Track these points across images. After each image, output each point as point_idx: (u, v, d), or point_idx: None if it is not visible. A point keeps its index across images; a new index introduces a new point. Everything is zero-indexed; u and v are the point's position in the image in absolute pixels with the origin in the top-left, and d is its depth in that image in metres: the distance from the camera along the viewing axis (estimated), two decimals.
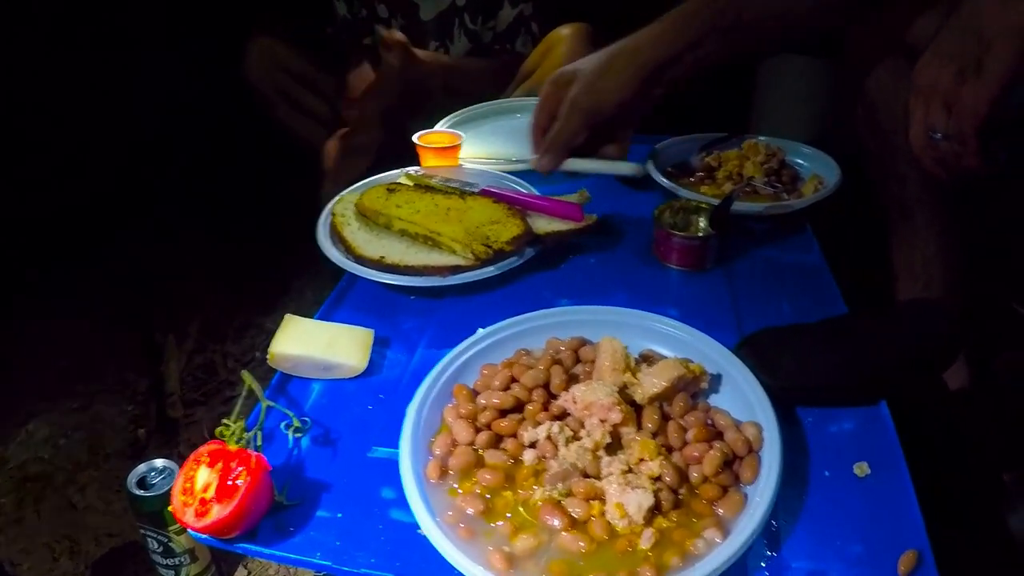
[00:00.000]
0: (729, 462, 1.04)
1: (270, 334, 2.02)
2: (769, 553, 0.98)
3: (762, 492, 0.98)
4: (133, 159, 2.44)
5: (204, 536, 1.02)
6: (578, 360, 1.20)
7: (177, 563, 1.42)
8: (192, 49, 2.48)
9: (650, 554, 0.94)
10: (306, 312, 1.35)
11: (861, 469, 1.08)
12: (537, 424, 1.07)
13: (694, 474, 1.02)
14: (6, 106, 2.18)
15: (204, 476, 1.03)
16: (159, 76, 2.46)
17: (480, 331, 1.25)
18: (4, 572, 1.69)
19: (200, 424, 2.08)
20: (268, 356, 1.27)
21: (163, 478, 1.33)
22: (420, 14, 2.36)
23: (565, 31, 2.22)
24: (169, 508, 1.18)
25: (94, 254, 2.36)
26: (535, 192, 1.67)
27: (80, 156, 2.37)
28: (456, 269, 1.44)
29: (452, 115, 2.12)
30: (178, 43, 2.49)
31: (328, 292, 1.52)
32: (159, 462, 1.36)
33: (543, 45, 2.25)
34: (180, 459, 1.28)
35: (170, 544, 1.39)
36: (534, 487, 1.02)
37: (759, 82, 2.74)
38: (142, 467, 1.35)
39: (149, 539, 1.40)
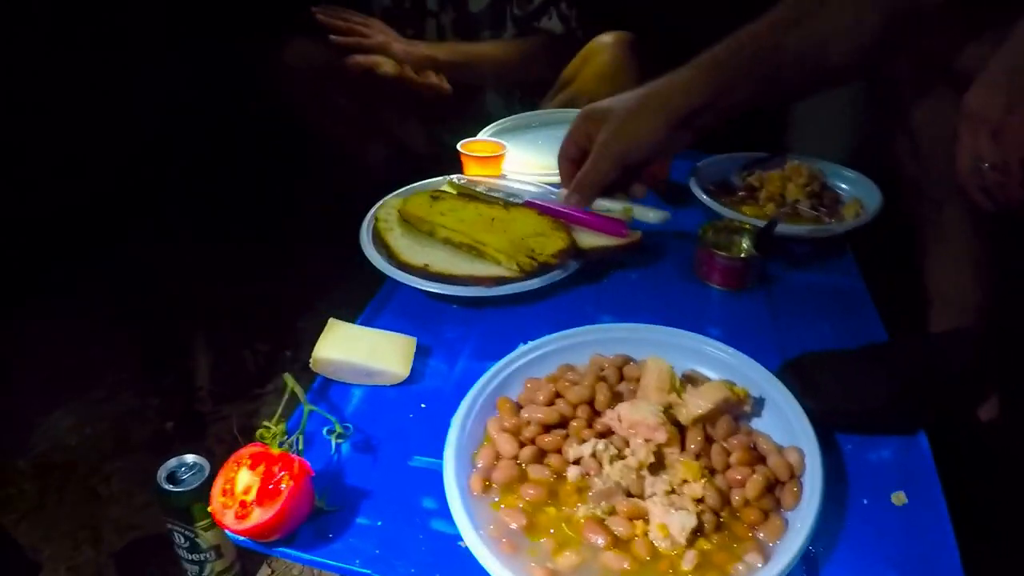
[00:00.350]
0: (771, 487, 1.04)
1: (300, 333, 2.04)
2: None
3: (803, 518, 0.98)
4: (168, 151, 2.45)
5: (243, 539, 1.02)
6: (622, 378, 1.20)
7: (203, 559, 1.43)
8: (208, 45, 2.49)
9: None
10: (346, 316, 1.36)
11: (899, 499, 1.08)
12: (582, 441, 1.07)
13: (736, 497, 1.02)
14: (7, 105, 2.19)
15: (245, 478, 1.03)
16: (176, 72, 2.47)
17: (522, 346, 1.25)
18: (26, 558, 1.70)
19: (228, 420, 2.08)
20: (311, 361, 1.27)
21: (193, 473, 1.34)
22: (469, 5, 2.36)
23: (606, 39, 2.22)
24: (198, 505, 1.19)
25: (125, 247, 2.37)
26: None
27: (112, 151, 2.38)
28: (500, 280, 1.44)
29: (495, 123, 2.12)
30: (191, 40, 2.50)
31: (363, 295, 1.52)
32: (189, 457, 1.37)
33: (584, 52, 2.25)
34: (207, 454, 1.29)
35: (197, 540, 1.40)
36: (577, 504, 1.02)
37: (801, 102, 2.74)
38: (172, 462, 1.36)
39: (176, 534, 1.40)
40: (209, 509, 1.04)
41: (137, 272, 2.30)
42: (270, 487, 1.01)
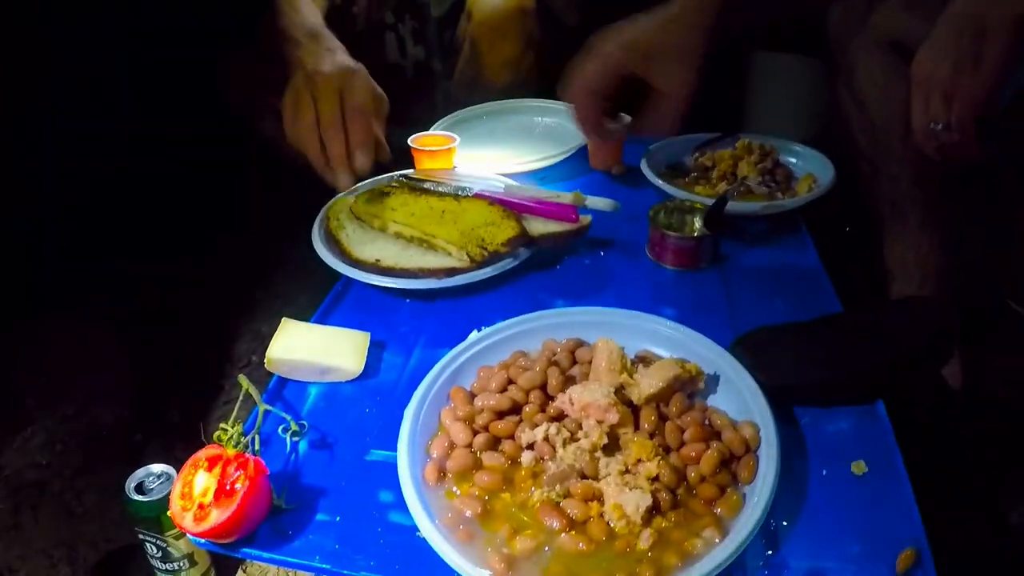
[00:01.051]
0: (727, 462, 1.04)
1: (265, 338, 2.03)
2: (768, 552, 0.98)
3: (760, 491, 0.99)
4: (117, 160, 2.43)
5: (203, 540, 1.02)
6: (575, 361, 1.20)
7: (176, 568, 1.42)
8: (170, 49, 2.49)
9: (649, 554, 0.94)
10: (301, 315, 1.35)
11: (859, 467, 1.09)
12: (535, 426, 1.07)
13: (692, 474, 1.03)
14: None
15: (202, 481, 1.03)
16: (140, 74, 2.46)
17: (475, 333, 1.25)
18: None
19: (197, 428, 2.07)
20: (265, 361, 1.27)
21: (161, 483, 1.33)
22: (432, 10, 2.36)
23: None
24: (167, 513, 1.19)
25: (85, 258, 2.35)
26: (529, 191, 1.67)
27: (64, 160, 2.36)
28: (451, 271, 1.44)
29: (448, 116, 2.12)
30: (161, 42, 2.49)
31: (322, 295, 1.52)
32: (156, 467, 1.36)
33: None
34: (178, 464, 1.28)
35: (168, 549, 1.39)
36: (532, 489, 1.02)
37: (750, 81, 2.75)
38: (140, 472, 1.35)
39: (148, 544, 1.40)
40: (168, 513, 1.04)
41: (98, 286, 2.29)
42: (227, 488, 1.01)
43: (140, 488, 1.33)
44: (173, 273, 2.34)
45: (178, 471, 1.09)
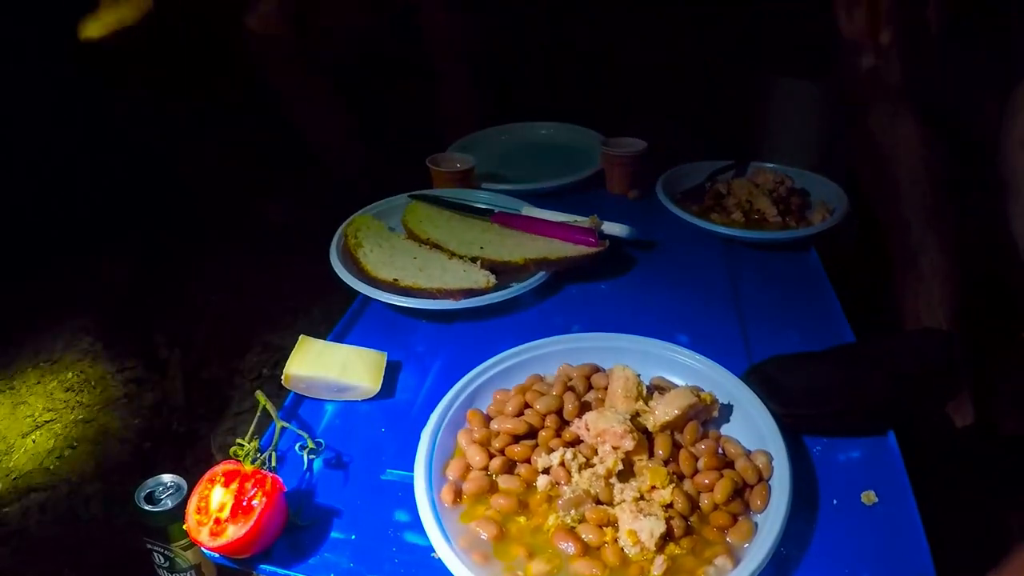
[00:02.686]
0: (739, 490, 1.05)
1: (276, 351, 2.04)
2: None
3: (772, 520, 1.00)
4: (137, 169, 2.45)
5: (218, 555, 1.03)
6: (590, 387, 1.21)
7: None
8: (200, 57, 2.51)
9: None
10: (313, 329, 1.36)
11: (869, 498, 1.10)
12: (550, 450, 1.08)
13: (705, 502, 1.04)
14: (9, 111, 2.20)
15: (219, 496, 1.04)
16: (160, 84, 2.48)
17: (493, 358, 1.26)
18: None
19: (206, 439, 2.08)
20: (283, 377, 1.28)
21: (171, 493, 1.34)
22: None
23: None
24: (176, 524, 1.20)
25: (100, 266, 2.37)
26: (547, 214, 1.69)
27: (81, 166, 2.38)
28: (469, 292, 1.46)
29: (463, 138, 2.14)
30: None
31: (335, 310, 1.53)
32: (167, 477, 1.37)
33: None
34: (186, 474, 1.29)
35: (175, 559, 1.40)
36: (548, 513, 1.03)
37: (765, 107, 2.76)
38: (150, 482, 1.36)
39: (155, 554, 1.41)
40: (184, 527, 1.05)
41: (113, 292, 2.30)
42: (244, 504, 1.02)
43: (150, 498, 1.34)
44: (186, 283, 2.35)
45: (187, 481, 1.10)
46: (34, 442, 2.02)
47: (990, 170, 1.41)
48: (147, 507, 1.33)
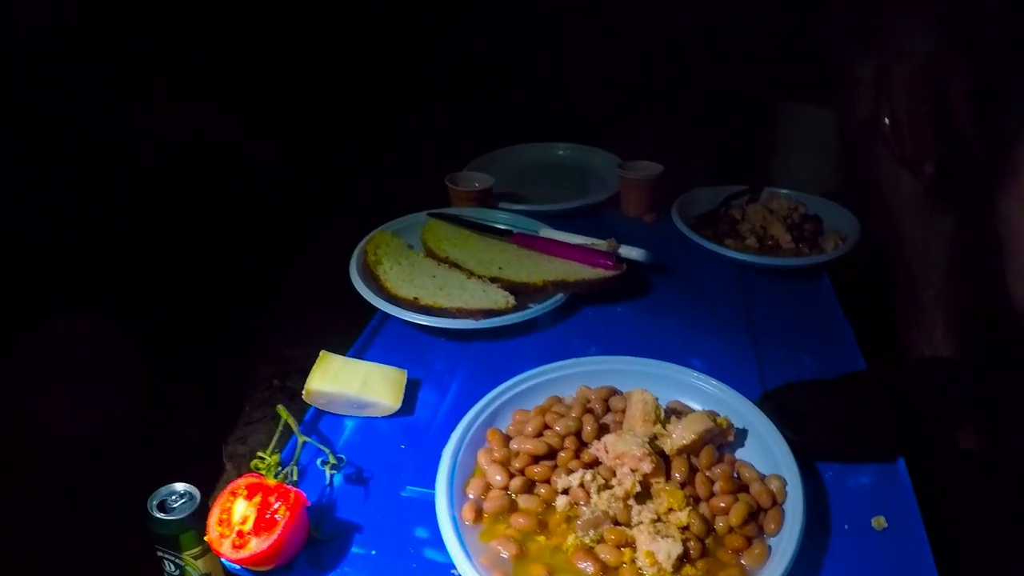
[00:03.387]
0: (754, 513, 1.07)
1: (288, 362, 2.05)
2: None
3: (785, 543, 1.02)
4: (158, 180, 2.47)
5: (240, 567, 1.04)
6: (608, 409, 1.23)
7: None
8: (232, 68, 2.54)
9: None
10: (326, 342, 1.38)
11: (879, 523, 1.11)
12: (570, 471, 1.10)
13: (720, 524, 1.06)
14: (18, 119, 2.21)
15: (242, 508, 1.06)
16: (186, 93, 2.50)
17: (512, 379, 1.28)
18: None
19: (217, 447, 2.09)
20: (304, 392, 1.29)
21: (183, 502, 1.35)
22: None
23: None
24: (188, 533, 1.21)
25: (117, 271, 2.38)
26: (566, 237, 1.71)
27: (101, 176, 2.39)
28: (489, 313, 1.48)
29: (481, 157, 2.16)
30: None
31: (348, 323, 1.55)
32: (180, 486, 1.38)
33: None
34: (196, 482, 1.31)
35: (186, 568, 1.41)
36: (567, 533, 1.05)
37: (777, 133, 2.76)
38: (163, 490, 1.37)
39: (166, 562, 1.42)
40: (206, 539, 1.06)
41: (126, 299, 2.31)
42: (267, 517, 1.03)
43: (163, 506, 1.35)
44: (199, 291, 2.36)
45: (200, 490, 1.11)
46: (45, 448, 2.02)
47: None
48: (159, 515, 1.34)
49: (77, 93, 2.22)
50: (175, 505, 1.34)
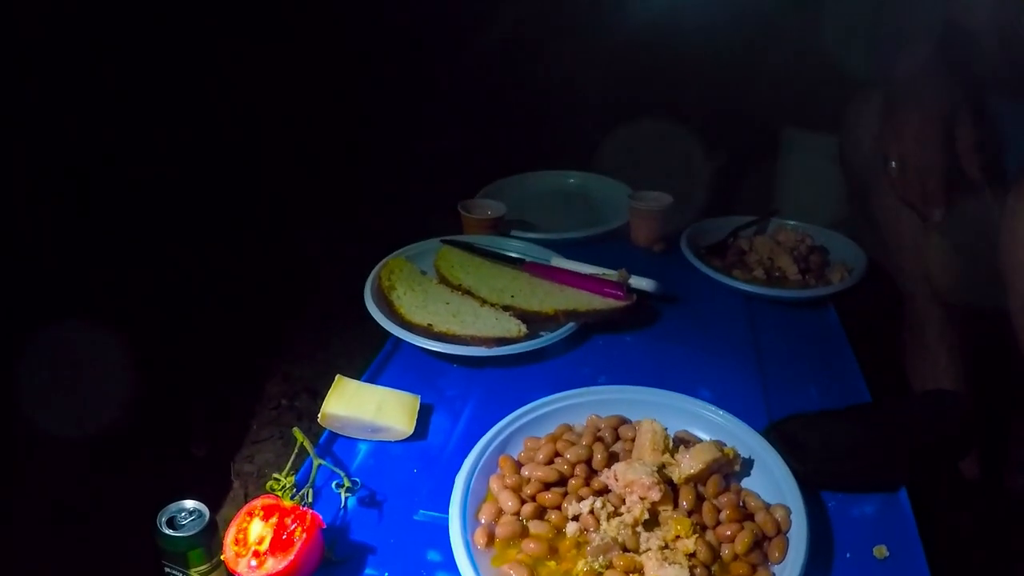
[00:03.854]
0: (759, 541, 1.09)
1: (296, 381, 2.07)
2: None
3: (789, 571, 1.04)
4: (171, 198, 2.49)
5: None
6: (618, 438, 1.25)
7: None
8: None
9: None
10: (335, 362, 1.40)
11: (880, 552, 1.14)
12: (580, 499, 1.12)
13: (726, 552, 1.08)
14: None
15: (258, 529, 1.08)
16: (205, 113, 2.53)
17: (524, 407, 1.30)
18: None
19: (225, 464, 2.10)
20: (319, 416, 1.32)
21: (192, 519, 1.36)
22: None
23: None
24: (196, 550, 1.23)
25: (127, 288, 2.39)
26: (576, 265, 1.74)
27: (112, 196, 2.41)
28: (501, 341, 1.50)
29: (491, 184, 2.19)
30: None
31: (357, 344, 1.57)
32: (189, 503, 1.40)
33: None
34: (204, 498, 1.32)
35: None
36: (577, 559, 1.07)
37: (786, 163, 2.78)
38: (172, 507, 1.38)
39: None
40: (222, 557, 1.08)
41: (135, 315, 2.32)
42: (283, 538, 1.06)
43: (171, 522, 1.37)
44: (210, 309, 2.38)
45: (208, 507, 1.13)
46: (53, 460, 2.03)
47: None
48: (168, 531, 1.36)
49: (83, 100, 2.24)
50: (184, 522, 1.36)
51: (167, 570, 1.39)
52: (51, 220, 2.30)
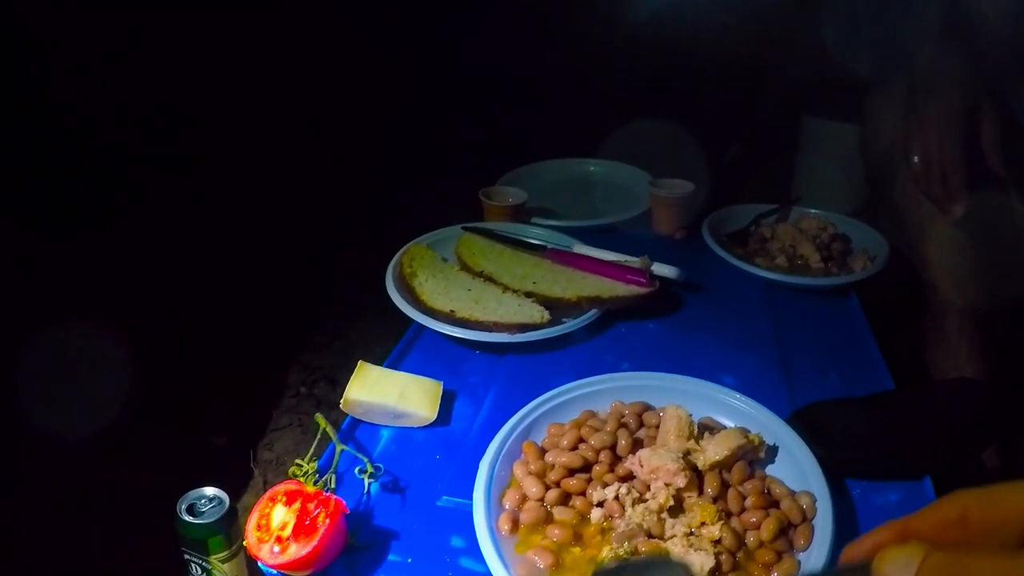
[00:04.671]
0: (784, 529, 1.09)
1: (315, 370, 2.07)
2: None
3: (815, 559, 1.03)
4: (191, 187, 2.50)
5: (278, 572, 1.06)
6: (642, 424, 1.25)
7: None
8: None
9: None
10: (353, 350, 1.39)
11: None
12: (604, 485, 1.12)
13: (751, 539, 1.07)
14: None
15: (281, 514, 1.08)
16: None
17: (548, 393, 1.30)
18: None
19: (244, 452, 2.10)
20: (342, 402, 1.32)
21: (213, 507, 1.36)
22: None
23: None
24: (216, 537, 1.24)
25: (148, 277, 2.39)
26: (599, 252, 1.74)
27: (133, 183, 2.42)
28: (524, 327, 1.50)
29: (512, 171, 2.19)
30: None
31: (376, 333, 1.57)
32: (209, 490, 1.40)
33: None
34: (224, 485, 1.32)
35: (212, 572, 1.43)
36: (602, 545, 1.07)
37: (807, 151, 2.77)
38: (192, 494, 1.39)
39: (193, 565, 1.43)
40: (244, 543, 1.08)
41: (160, 301, 2.33)
42: (306, 523, 1.06)
43: (191, 509, 1.37)
44: (229, 298, 2.38)
45: (228, 494, 1.13)
46: (69, 447, 2.03)
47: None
48: (188, 518, 1.36)
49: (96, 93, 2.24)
50: (204, 509, 1.36)
51: (187, 557, 1.40)
52: (68, 209, 2.31)
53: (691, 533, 1.06)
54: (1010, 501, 0.59)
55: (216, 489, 1.39)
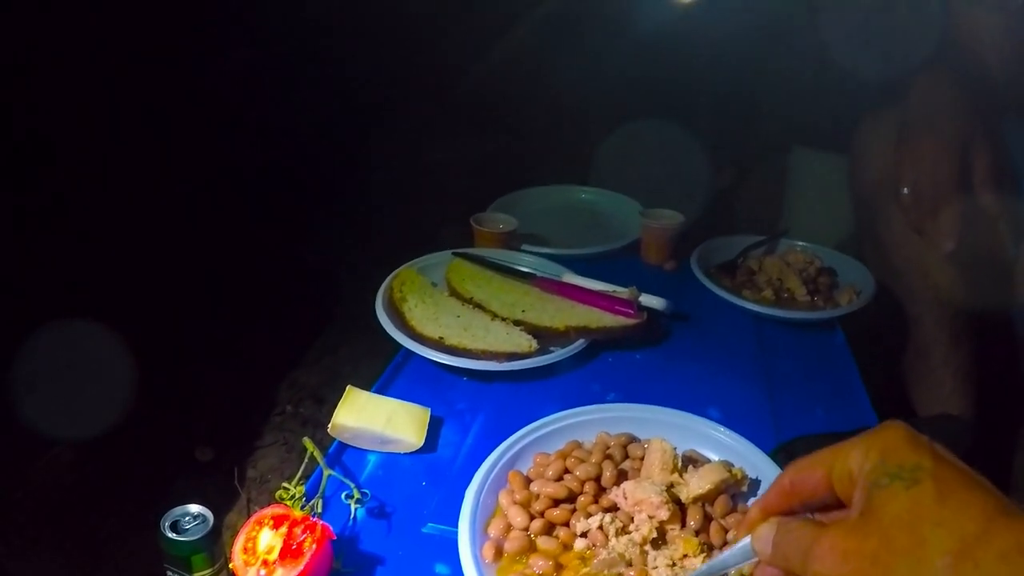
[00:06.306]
0: None
1: (301, 388, 2.08)
2: None
3: None
4: (176, 203, 2.50)
5: None
6: (627, 456, 1.26)
7: None
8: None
9: None
10: (341, 369, 1.40)
11: None
12: (588, 515, 1.13)
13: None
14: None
15: (267, 538, 1.09)
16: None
17: (534, 423, 1.31)
18: None
19: (229, 469, 2.10)
20: (329, 426, 1.32)
21: (197, 524, 1.37)
22: None
23: None
24: (199, 555, 1.24)
25: (131, 291, 2.39)
26: (587, 282, 1.76)
27: (116, 199, 2.42)
28: (512, 356, 1.51)
29: (503, 197, 2.20)
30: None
31: (363, 352, 1.57)
32: (193, 507, 1.40)
33: None
34: (208, 503, 1.33)
35: None
36: (581, 569, 1.07)
37: (794, 182, 2.78)
38: (176, 510, 1.39)
39: None
40: (231, 566, 1.09)
41: (148, 313, 2.33)
42: (293, 547, 1.06)
43: (175, 526, 1.38)
44: (219, 313, 2.39)
45: (212, 512, 1.14)
46: (54, 454, 2.03)
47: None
48: (172, 535, 1.37)
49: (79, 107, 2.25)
50: (188, 526, 1.37)
51: (169, 574, 1.40)
52: (51, 221, 2.31)
53: (673, 565, 1.07)
54: (816, 468, 0.71)
55: (200, 507, 1.40)
